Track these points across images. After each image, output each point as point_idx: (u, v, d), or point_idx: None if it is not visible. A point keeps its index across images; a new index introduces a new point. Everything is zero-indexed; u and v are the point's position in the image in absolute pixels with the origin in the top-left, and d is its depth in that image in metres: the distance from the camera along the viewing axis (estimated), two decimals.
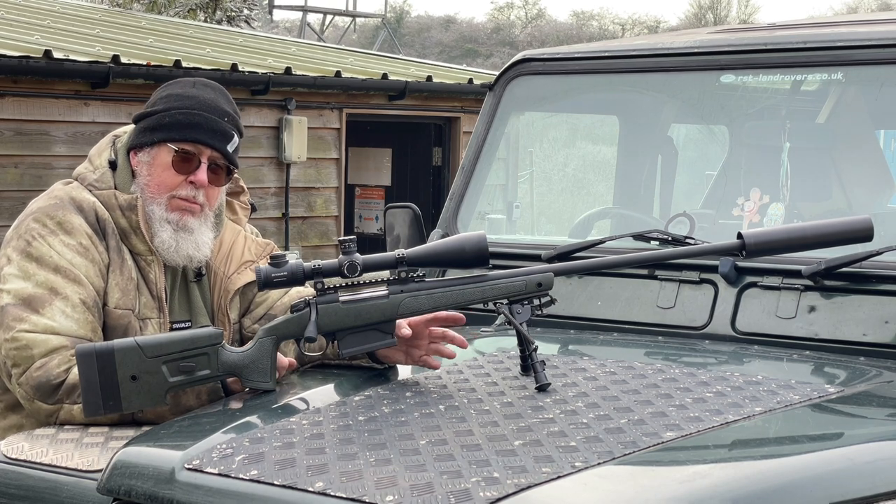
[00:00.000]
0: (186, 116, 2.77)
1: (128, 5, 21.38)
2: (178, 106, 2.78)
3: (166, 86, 2.89)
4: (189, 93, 2.81)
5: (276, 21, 37.74)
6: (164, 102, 2.81)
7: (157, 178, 2.77)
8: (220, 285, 2.89)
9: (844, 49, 3.15)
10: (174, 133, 2.76)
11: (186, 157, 2.77)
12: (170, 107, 2.79)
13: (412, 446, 2.09)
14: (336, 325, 2.52)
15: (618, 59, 3.52)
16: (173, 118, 2.77)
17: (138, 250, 2.78)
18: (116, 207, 2.77)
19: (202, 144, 2.77)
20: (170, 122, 2.76)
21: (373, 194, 12.85)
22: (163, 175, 2.77)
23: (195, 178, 2.77)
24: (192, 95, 2.81)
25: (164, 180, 2.77)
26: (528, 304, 2.50)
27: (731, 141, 3.80)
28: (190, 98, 2.80)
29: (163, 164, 2.77)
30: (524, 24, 56.56)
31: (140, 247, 2.78)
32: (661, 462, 2.07)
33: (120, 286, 2.73)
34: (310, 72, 10.88)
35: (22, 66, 8.80)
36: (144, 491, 2.10)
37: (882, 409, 2.54)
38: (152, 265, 2.78)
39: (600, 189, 4.38)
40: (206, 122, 2.78)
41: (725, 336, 3.01)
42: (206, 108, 2.79)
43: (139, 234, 2.77)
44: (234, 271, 2.89)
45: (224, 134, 2.80)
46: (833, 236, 2.55)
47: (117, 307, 2.72)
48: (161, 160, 2.78)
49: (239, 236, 2.95)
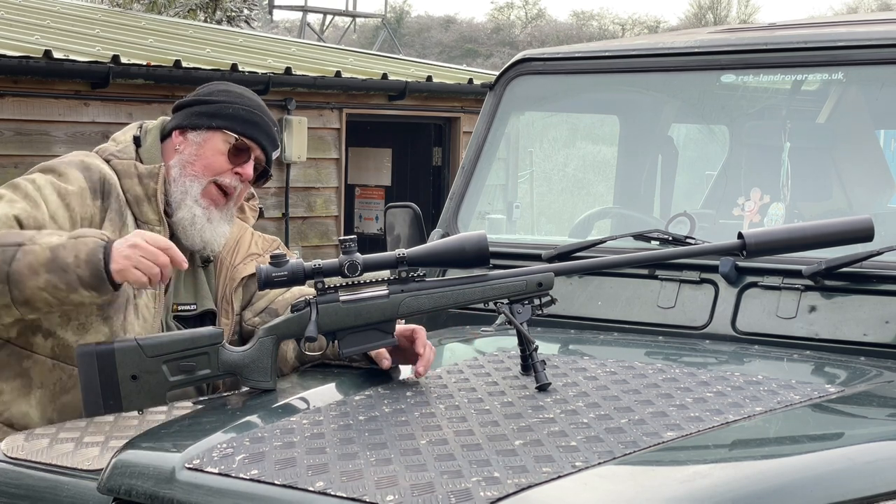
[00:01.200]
0: (248, 113, 2.88)
1: (128, 5, 21.39)
2: (240, 102, 2.90)
3: (217, 83, 3.02)
4: (247, 94, 2.95)
5: (276, 21, 37.75)
6: (224, 95, 2.91)
7: (205, 160, 2.84)
8: (226, 274, 2.93)
9: (845, 49, 3.15)
10: (236, 124, 2.85)
11: (241, 150, 2.85)
12: (232, 101, 2.89)
13: (412, 446, 2.09)
14: (336, 325, 2.52)
15: (618, 59, 3.52)
16: (236, 111, 2.87)
17: (147, 218, 2.81)
18: (134, 175, 2.82)
19: (256, 143, 2.87)
20: (232, 114, 2.86)
21: (373, 194, 12.85)
22: (212, 158, 2.84)
23: (242, 170, 2.86)
24: (250, 97, 2.94)
25: (212, 163, 2.84)
26: (528, 303, 2.50)
27: (732, 141, 3.80)
28: (250, 99, 2.93)
29: (215, 149, 2.84)
30: (524, 24, 56.56)
31: (150, 216, 2.81)
32: (662, 462, 2.07)
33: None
34: (310, 72, 10.88)
35: (22, 66, 8.80)
36: (145, 490, 2.10)
37: (882, 409, 2.54)
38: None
39: (600, 189, 4.38)
40: (263, 123, 2.89)
41: (726, 336, 3.01)
42: (264, 112, 2.92)
43: (153, 203, 2.81)
44: (240, 261, 2.94)
45: (274, 140, 2.92)
46: (833, 236, 2.55)
47: None
48: (214, 145, 2.84)
49: (246, 232, 3.01)
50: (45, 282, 2.53)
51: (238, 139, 2.84)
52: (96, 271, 2.53)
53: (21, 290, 2.54)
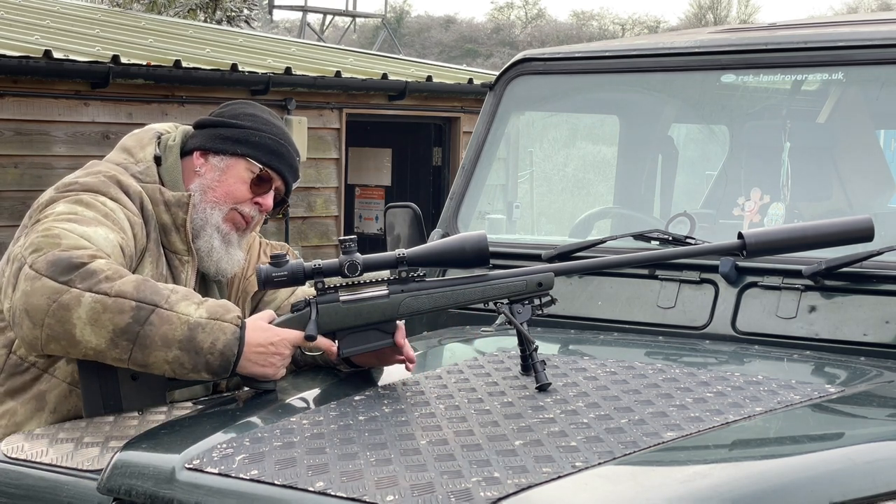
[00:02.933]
0: (275, 144, 2.83)
1: (128, 5, 21.38)
2: (267, 130, 2.83)
3: (242, 104, 2.92)
4: (273, 121, 2.88)
5: (276, 21, 37.75)
6: (250, 120, 2.84)
7: (226, 187, 2.79)
8: (238, 286, 2.91)
9: (845, 49, 3.15)
10: (261, 154, 2.80)
11: (263, 180, 2.81)
12: (258, 127, 2.82)
13: (412, 446, 2.09)
14: (336, 325, 2.52)
15: (618, 59, 3.52)
16: (262, 140, 2.81)
17: (175, 248, 2.77)
18: (161, 203, 2.75)
19: (279, 175, 2.83)
20: (258, 142, 2.80)
21: (373, 194, 12.84)
22: (234, 186, 2.79)
23: (263, 200, 2.82)
24: (276, 125, 2.88)
25: (233, 191, 2.79)
26: (528, 303, 2.50)
27: (732, 141, 3.80)
28: (276, 126, 2.87)
29: (238, 176, 2.79)
30: (524, 24, 56.56)
31: (179, 245, 2.77)
32: (662, 462, 2.07)
33: (152, 275, 2.68)
34: (310, 72, 10.88)
35: (22, 66, 8.79)
36: (145, 490, 2.10)
37: (882, 409, 2.54)
38: (186, 266, 2.78)
39: (600, 189, 4.38)
40: (288, 154, 2.85)
41: (726, 336, 3.01)
42: (289, 142, 2.88)
43: (181, 233, 2.76)
44: (251, 273, 2.91)
45: (296, 171, 2.89)
46: (833, 236, 2.55)
47: None
48: (237, 173, 2.79)
49: (255, 242, 2.99)
50: (174, 357, 2.43)
51: (262, 169, 2.80)
52: (227, 363, 2.46)
53: (145, 355, 2.43)
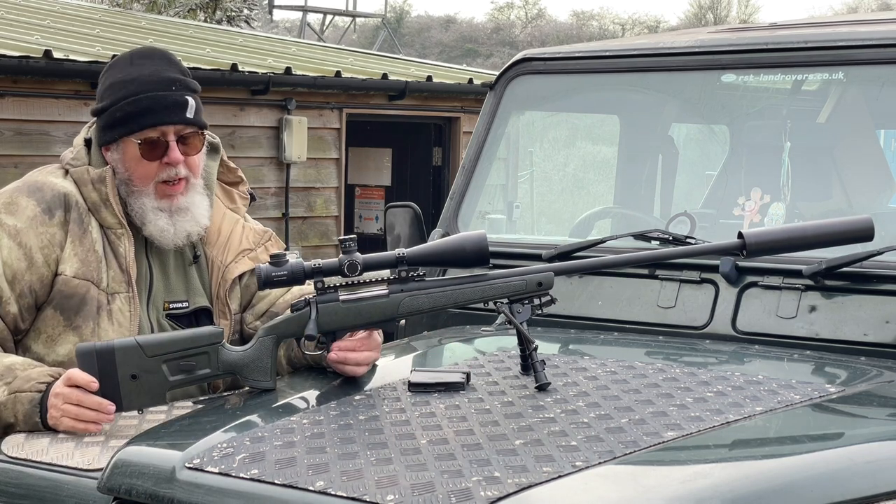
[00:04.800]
0: (134, 105, 2.72)
1: (128, 5, 21.38)
2: (124, 95, 2.73)
3: (106, 71, 2.84)
4: (131, 75, 2.75)
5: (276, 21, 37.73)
6: (109, 95, 2.77)
7: (135, 172, 2.76)
8: (218, 274, 2.88)
9: (845, 49, 3.15)
10: (131, 125, 2.73)
11: (152, 143, 2.74)
12: (115, 99, 2.75)
13: (413, 445, 2.09)
14: (336, 324, 2.52)
15: (618, 59, 3.52)
16: (123, 111, 2.73)
17: (108, 223, 2.76)
18: (88, 182, 2.76)
19: (161, 125, 2.73)
20: (122, 116, 2.73)
21: (373, 194, 12.84)
22: (138, 167, 2.75)
23: (169, 158, 2.74)
24: (133, 78, 2.75)
25: (141, 172, 2.75)
26: (528, 303, 2.50)
27: (732, 140, 3.80)
28: (132, 81, 2.74)
29: (133, 157, 2.75)
30: (524, 24, 56.55)
31: (110, 220, 2.76)
32: (662, 462, 2.07)
33: (79, 256, 2.71)
34: (310, 72, 10.87)
35: (22, 66, 8.79)
36: (145, 490, 2.10)
37: (882, 409, 2.54)
38: (122, 238, 2.76)
39: (601, 189, 4.38)
40: (155, 102, 2.73)
41: (726, 336, 3.01)
42: (150, 86, 2.74)
43: (109, 207, 2.75)
44: (231, 260, 2.88)
45: (178, 105, 2.75)
46: (833, 236, 2.55)
47: (76, 276, 2.70)
48: (130, 154, 2.75)
49: (237, 225, 2.94)
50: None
51: (141, 139, 2.73)
52: (37, 427, 2.51)
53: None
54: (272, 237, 2.98)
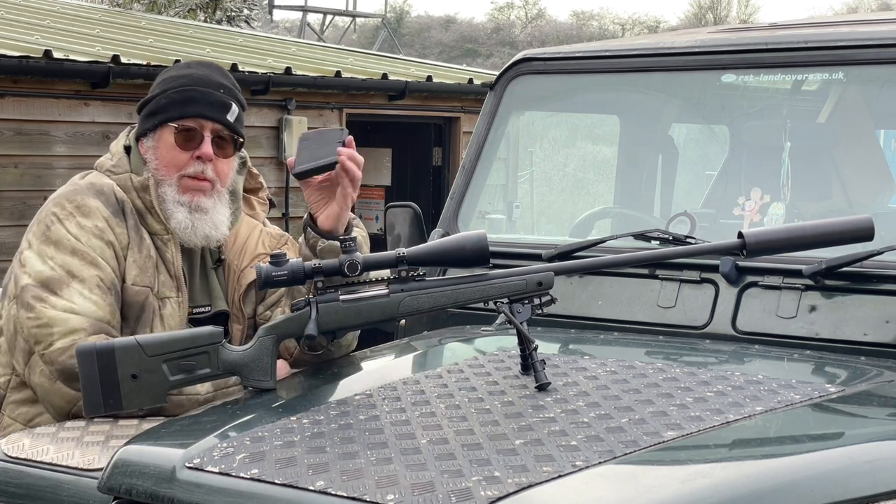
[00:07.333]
0: (181, 94, 2.81)
1: (128, 5, 21.39)
2: (173, 86, 2.83)
3: (163, 72, 2.95)
4: (183, 72, 2.86)
5: (276, 21, 37.74)
6: (159, 86, 2.86)
7: (164, 160, 2.81)
8: (234, 279, 2.91)
9: (845, 49, 3.15)
10: (172, 112, 2.80)
11: (189, 133, 2.80)
12: (165, 88, 2.83)
13: (413, 445, 2.09)
14: (336, 324, 2.52)
15: (618, 59, 3.52)
16: (169, 98, 2.81)
17: (154, 230, 2.82)
18: (132, 189, 2.82)
19: (201, 118, 2.81)
20: (166, 103, 2.81)
21: (373, 194, 12.84)
22: (169, 155, 2.81)
23: (201, 151, 2.80)
24: (185, 74, 2.85)
25: (171, 160, 2.81)
26: (528, 303, 2.49)
27: (732, 140, 3.80)
28: (184, 77, 2.84)
29: (167, 144, 2.81)
30: (524, 24, 56.56)
31: (156, 226, 2.82)
32: (662, 461, 2.07)
33: (138, 263, 2.77)
34: (310, 72, 10.87)
35: (22, 66, 8.79)
36: (145, 490, 2.10)
37: (882, 408, 2.54)
38: (168, 244, 2.82)
39: (601, 189, 4.38)
40: (201, 95, 2.81)
41: (726, 335, 3.01)
42: (200, 82, 2.83)
43: (154, 214, 2.81)
44: (246, 265, 2.92)
45: (221, 104, 2.82)
46: (834, 236, 2.55)
47: (135, 283, 2.76)
48: (165, 141, 2.82)
49: (255, 230, 2.99)
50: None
51: (180, 126, 2.79)
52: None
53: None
54: (289, 241, 3.00)
